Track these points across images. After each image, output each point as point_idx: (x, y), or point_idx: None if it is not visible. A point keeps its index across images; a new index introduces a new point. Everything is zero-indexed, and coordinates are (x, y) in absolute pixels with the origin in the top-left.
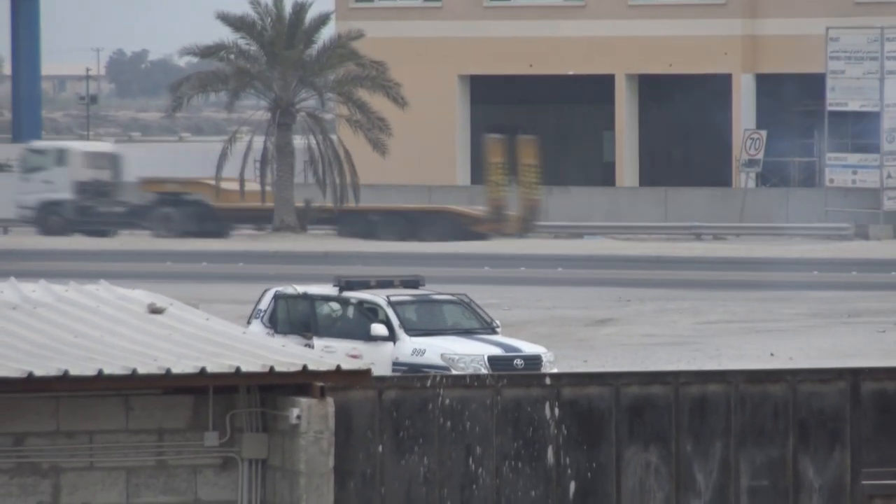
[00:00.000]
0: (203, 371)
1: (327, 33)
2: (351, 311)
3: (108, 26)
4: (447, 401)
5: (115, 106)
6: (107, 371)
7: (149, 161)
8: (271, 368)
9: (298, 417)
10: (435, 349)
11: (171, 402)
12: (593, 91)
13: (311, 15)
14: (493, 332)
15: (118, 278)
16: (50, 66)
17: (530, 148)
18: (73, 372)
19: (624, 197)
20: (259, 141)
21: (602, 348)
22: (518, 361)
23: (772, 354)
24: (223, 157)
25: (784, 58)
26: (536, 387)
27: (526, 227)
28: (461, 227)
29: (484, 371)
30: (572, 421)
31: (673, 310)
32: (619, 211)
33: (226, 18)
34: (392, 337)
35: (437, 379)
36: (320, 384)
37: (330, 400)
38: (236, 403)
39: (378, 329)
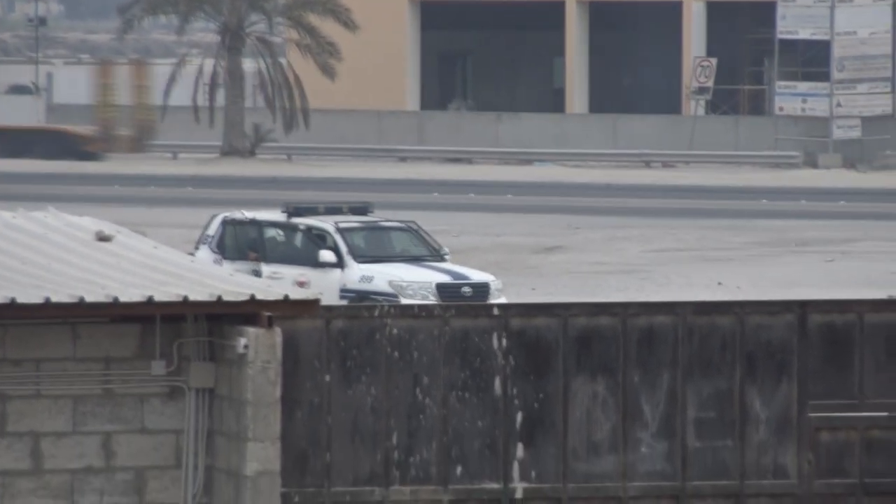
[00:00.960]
0: (150, 299)
1: None
2: (299, 238)
3: None
4: (395, 331)
5: (65, 28)
6: (54, 299)
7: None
8: (219, 297)
9: (246, 347)
10: (383, 276)
11: (118, 331)
12: (544, 17)
13: None
14: (442, 259)
15: (64, 202)
16: None
17: (142, 70)
18: (21, 299)
19: (574, 124)
20: (209, 64)
21: (551, 276)
22: (466, 289)
23: (720, 283)
24: (171, 81)
25: None
26: (484, 317)
27: (138, 146)
28: (72, 147)
29: (432, 298)
30: (520, 351)
31: (622, 237)
32: (569, 138)
33: None
34: (340, 263)
35: (385, 309)
36: (268, 314)
37: (277, 330)
38: (184, 332)
39: (326, 255)
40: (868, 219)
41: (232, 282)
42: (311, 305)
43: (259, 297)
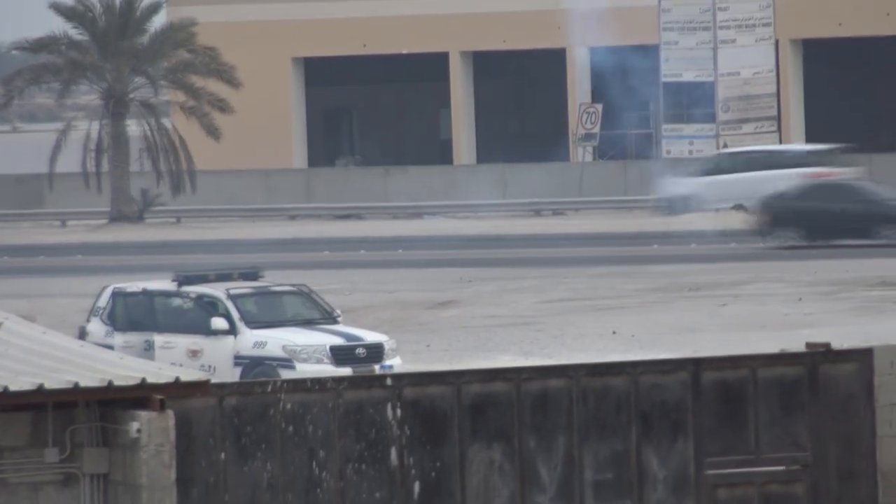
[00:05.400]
0: (41, 388)
1: (159, 20)
2: (191, 306)
3: None
4: (289, 405)
5: None
6: None
7: None
8: (110, 383)
9: (139, 431)
10: (276, 341)
11: (9, 420)
12: (428, 69)
13: (142, 2)
14: (335, 321)
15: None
16: None
17: None
18: None
19: (462, 175)
20: (95, 129)
21: (444, 331)
22: (360, 350)
23: (614, 332)
24: (57, 148)
25: (617, 30)
26: (378, 388)
27: None
28: None
29: (326, 361)
30: (415, 421)
31: (514, 289)
32: (458, 189)
33: (58, 8)
34: (233, 330)
35: (278, 384)
36: (159, 397)
37: (170, 412)
38: (76, 418)
39: (218, 323)
40: (758, 260)
41: (122, 365)
42: (202, 386)
43: (150, 380)
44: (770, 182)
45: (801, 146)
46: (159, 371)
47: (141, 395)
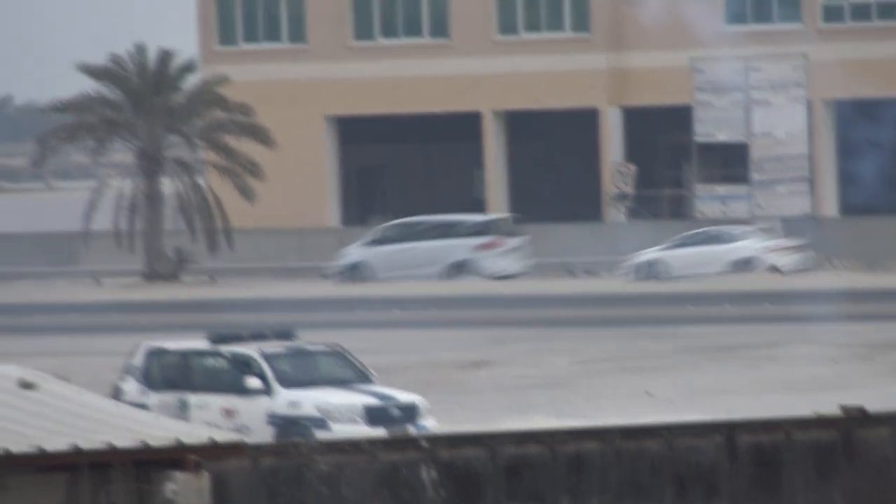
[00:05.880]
0: (76, 448)
1: (193, 79)
2: (225, 365)
3: None
4: (323, 467)
5: None
6: None
7: (16, 214)
8: (145, 444)
9: (174, 492)
10: (310, 401)
11: (44, 480)
12: (461, 129)
13: (175, 61)
14: (369, 381)
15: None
16: None
17: None
18: None
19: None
20: (129, 186)
21: (478, 392)
22: (394, 411)
23: (648, 393)
24: (91, 206)
25: (651, 90)
26: (412, 450)
27: None
28: None
29: (360, 421)
30: (450, 482)
31: (547, 350)
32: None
33: (89, 70)
34: (267, 390)
35: (313, 445)
36: (195, 458)
37: (205, 474)
38: (111, 479)
39: (252, 382)
40: (791, 322)
41: (157, 426)
42: (237, 447)
43: (185, 441)
44: (441, 252)
45: (474, 216)
46: (194, 432)
47: (176, 457)
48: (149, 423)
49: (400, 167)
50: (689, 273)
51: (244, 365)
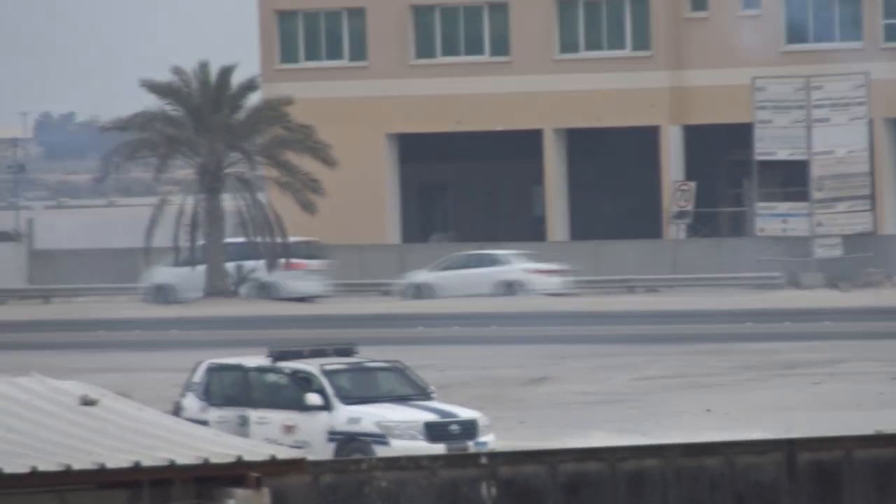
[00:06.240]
0: (137, 465)
1: (255, 96)
2: (285, 382)
3: (34, 89)
4: (383, 483)
5: (44, 169)
6: (41, 468)
7: (79, 230)
8: (206, 460)
9: None
10: (370, 417)
11: (106, 497)
12: (522, 147)
13: (237, 78)
14: (429, 397)
15: (46, 349)
16: None
17: None
18: (7, 470)
19: (555, 251)
20: (190, 203)
21: (538, 408)
22: (454, 427)
23: (708, 410)
24: (153, 222)
25: (711, 108)
26: (472, 467)
27: None
28: None
29: (420, 438)
30: (509, 499)
31: (607, 366)
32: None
33: (151, 86)
34: (327, 406)
35: (373, 462)
36: (256, 474)
37: (266, 490)
38: (172, 496)
39: (313, 398)
40: (853, 339)
41: (218, 443)
42: (298, 464)
43: (246, 457)
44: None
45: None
46: (255, 448)
47: (237, 473)
48: (209, 439)
49: (460, 185)
50: (456, 294)
51: (304, 381)
